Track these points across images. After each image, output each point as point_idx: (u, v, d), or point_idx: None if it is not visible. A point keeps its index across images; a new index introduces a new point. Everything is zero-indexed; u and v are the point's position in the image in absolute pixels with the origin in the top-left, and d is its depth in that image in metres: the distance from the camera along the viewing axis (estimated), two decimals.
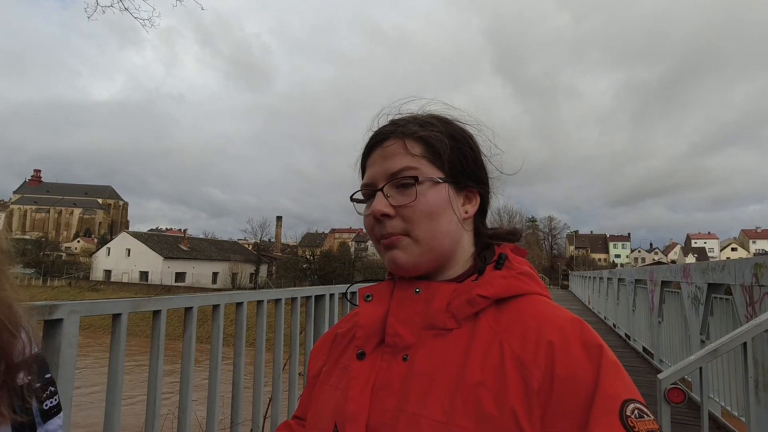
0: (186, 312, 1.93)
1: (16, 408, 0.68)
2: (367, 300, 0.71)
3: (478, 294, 0.64)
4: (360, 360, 0.67)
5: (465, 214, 0.71)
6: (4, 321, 0.69)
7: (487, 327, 0.62)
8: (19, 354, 0.71)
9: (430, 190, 0.66)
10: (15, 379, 0.67)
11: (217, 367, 2.06)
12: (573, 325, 0.60)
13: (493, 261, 0.69)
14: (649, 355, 7.00)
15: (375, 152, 0.71)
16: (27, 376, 0.70)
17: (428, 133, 0.69)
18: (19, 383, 0.68)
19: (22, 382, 0.69)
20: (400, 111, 0.75)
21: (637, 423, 0.52)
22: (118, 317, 1.65)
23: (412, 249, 0.66)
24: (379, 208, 0.66)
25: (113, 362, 1.66)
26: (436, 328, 0.64)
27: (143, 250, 48.30)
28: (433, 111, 0.75)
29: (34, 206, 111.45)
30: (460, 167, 0.70)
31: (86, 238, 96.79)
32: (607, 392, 0.53)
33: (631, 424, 0.52)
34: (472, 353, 0.60)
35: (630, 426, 0.52)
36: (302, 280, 44.38)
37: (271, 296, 2.49)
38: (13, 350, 0.68)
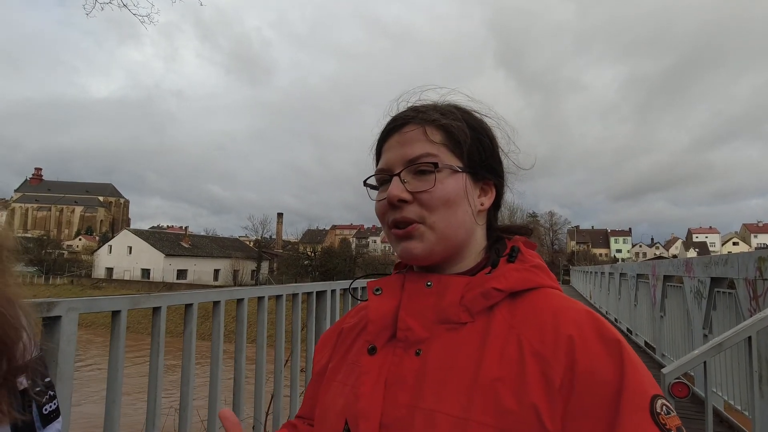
0: (186, 309, 1.92)
1: (16, 408, 0.66)
2: (377, 294, 0.69)
3: (493, 287, 0.63)
4: (371, 355, 0.65)
5: (480, 206, 0.70)
6: (9, 320, 0.68)
7: (502, 321, 0.61)
8: (21, 355, 0.69)
9: (448, 178, 0.65)
10: (16, 379, 0.66)
11: (218, 363, 2.04)
12: (590, 319, 0.59)
13: (506, 254, 0.68)
14: (651, 349, 7.00)
15: (393, 137, 0.70)
16: (28, 379, 0.69)
17: (449, 122, 0.68)
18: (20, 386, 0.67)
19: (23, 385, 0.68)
20: (420, 98, 0.74)
21: (668, 420, 0.52)
22: (117, 314, 1.63)
23: (427, 237, 0.65)
24: (396, 193, 0.65)
25: (113, 359, 1.64)
26: (449, 322, 0.63)
27: (145, 248, 48.40)
28: (453, 101, 0.74)
29: (36, 204, 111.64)
30: (479, 158, 0.69)
31: (88, 236, 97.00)
32: (635, 388, 0.52)
33: (662, 421, 0.51)
34: (488, 347, 0.59)
35: (662, 423, 0.51)
36: (303, 276, 44.44)
37: (272, 292, 2.48)
38: (16, 350, 0.67)
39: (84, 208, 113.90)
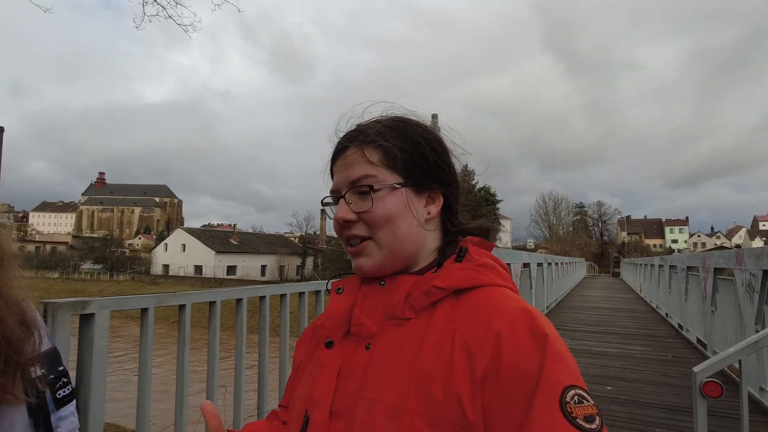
0: (210, 306, 2.04)
1: (30, 394, 0.76)
2: (339, 292, 0.75)
3: (434, 285, 0.67)
4: (328, 348, 0.71)
5: (427, 214, 0.73)
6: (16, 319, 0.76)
7: (443, 317, 0.65)
8: (32, 348, 0.78)
9: (388, 196, 0.69)
10: (28, 371, 0.76)
11: (241, 357, 2.16)
12: (523, 315, 0.61)
13: (454, 254, 0.72)
14: (702, 346, 6.63)
15: (339, 160, 0.74)
16: (40, 369, 0.79)
17: (386, 140, 0.71)
18: (32, 375, 0.76)
19: (35, 374, 0.77)
20: (362, 116, 0.78)
21: (575, 408, 0.54)
22: (145, 311, 1.77)
23: (375, 253, 0.70)
24: (341, 215, 0.70)
25: (143, 353, 1.79)
26: (396, 318, 0.68)
27: (197, 245, 50.72)
28: (397, 114, 0.77)
29: (100, 207, 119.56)
30: (420, 170, 0.72)
31: (146, 234, 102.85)
32: (549, 379, 0.55)
33: (569, 410, 0.54)
34: (426, 342, 0.63)
35: (568, 412, 0.53)
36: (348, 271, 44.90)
37: (294, 290, 2.57)
38: (26, 346, 0.76)
39: (142, 209, 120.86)
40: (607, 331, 8.32)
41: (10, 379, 0.72)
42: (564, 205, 66.98)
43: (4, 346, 0.72)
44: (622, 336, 7.82)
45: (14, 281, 0.80)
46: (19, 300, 0.80)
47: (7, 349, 0.73)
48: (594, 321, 9.62)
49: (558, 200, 66.47)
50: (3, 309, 0.74)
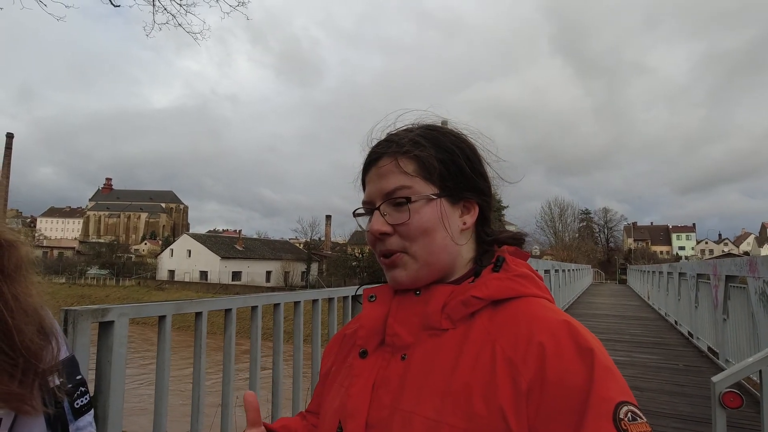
0: (226, 313, 2.05)
1: (48, 404, 0.75)
2: (371, 301, 0.74)
3: (472, 295, 0.66)
4: (362, 358, 0.70)
5: (463, 225, 0.72)
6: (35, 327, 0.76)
7: (481, 328, 0.64)
8: (51, 357, 0.78)
9: (424, 208, 0.68)
10: (46, 380, 0.75)
11: (256, 364, 2.16)
12: (564, 327, 0.60)
13: (491, 264, 0.71)
14: (714, 354, 6.55)
15: (372, 170, 0.73)
16: (58, 378, 0.78)
17: (420, 151, 0.70)
18: (50, 385, 0.76)
19: (53, 383, 0.77)
20: (395, 124, 0.77)
21: (630, 426, 0.53)
22: (163, 319, 1.77)
23: (411, 265, 0.69)
24: (377, 228, 0.69)
25: (160, 359, 1.79)
26: (432, 328, 0.66)
27: (202, 251, 50.87)
28: (429, 122, 0.76)
29: (107, 212, 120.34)
30: (455, 180, 0.71)
31: (152, 240, 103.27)
32: (601, 395, 0.53)
33: (624, 427, 0.52)
34: (464, 353, 0.62)
35: (623, 429, 0.52)
36: (352, 277, 45.03)
37: (308, 297, 2.57)
38: (45, 354, 0.76)
39: (148, 215, 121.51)
40: (616, 339, 8.25)
41: (29, 389, 0.72)
42: (570, 212, 66.72)
43: (23, 356, 0.72)
44: (632, 344, 7.74)
45: (32, 289, 0.79)
46: (37, 308, 0.80)
47: (26, 358, 0.72)
48: (602, 329, 9.54)
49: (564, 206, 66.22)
50: (21, 318, 0.74)
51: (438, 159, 0.70)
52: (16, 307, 0.72)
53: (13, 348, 0.70)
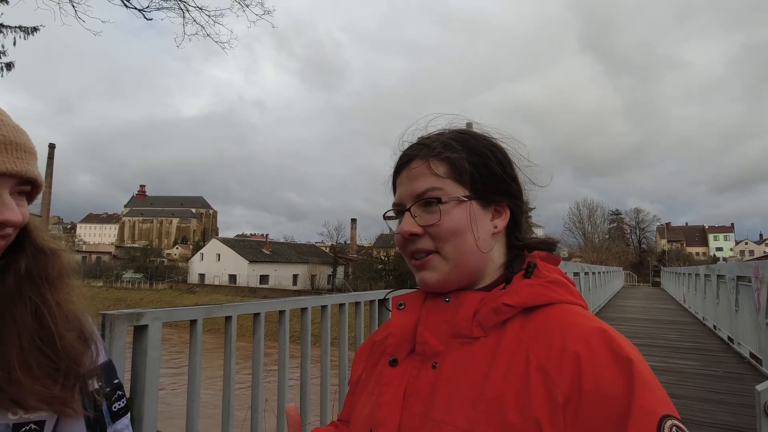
0: (254, 317, 2.08)
1: (87, 408, 0.78)
2: (400, 308, 0.74)
3: (503, 302, 0.65)
4: (392, 367, 0.70)
5: (494, 228, 0.71)
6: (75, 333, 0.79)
7: (513, 336, 0.63)
8: (90, 361, 0.81)
9: (454, 209, 0.68)
10: (86, 384, 0.78)
11: (284, 368, 2.19)
12: (600, 335, 0.58)
13: (522, 270, 0.70)
14: (757, 361, 6.25)
15: (403, 173, 0.74)
16: (97, 382, 0.81)
17: (452, 152, 0.70)
18: (90, 388, 0.79)
19: (93, 387, 0.80)
20: (426, 128, 0.77)
21: None
22: (194, 323, 1.82)
23: (441, 267, 0.68)
24: (407, 228, 0.69)
25: (192, 362, 1.83)
26: (463, 336, 0.66)
27: (231, 255, 51.91)
28: (460, 127, 0.76)
29: (141, 218, 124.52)
30: (486, 183, 0.71)
31: (183, 245, 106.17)
32: (643, 407, 0.51)
33: None
34: (496, 362, 0.61)
35: None
36: (377, 280, 45.08)
37: (335, 301, 2.59)
38: (84, 359, 0.79)
39: (180, 220, 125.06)
40: (649, 344, 7.98)
41: (70, 392, 0.74)
42: (599, 212, 64.97)
43: (65, 360, 0.74)
44: (667, 349, 7.47)
45: (74, 295, 0.82)
46: (78, 314, 0.82)
47: (68, 362, 0.75)
48: (635, 333, 9.24)
49: (593, 207, 64.53)
50: (63, 323, 0.76)
51: (469, 161, 0.70)
52: (58, 313, 0.75)
53: (56, 353, 0.73)
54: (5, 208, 0.68)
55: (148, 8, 10.35)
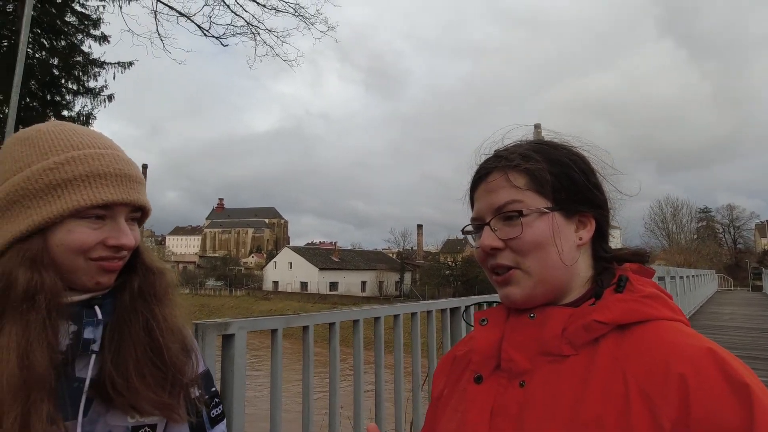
0: (330, 327, 2.15)
1: (191, 413, 0.85)
2: (483, 324, 0.73)
3: (594, 319, 0.62)
4: (477, 384, 0.69)
5: (579, 240, 0.69)
6: (179, 345, 0.87)
7: (607, 354, 0.60)
8: (192, 372, 0.88)
9: (536, 221, 0.66)
10: (189, 392, 0.86)
11: (359, 377, 2.23)
12: (709, 356, 0.54)
13: (612, 284, 0.66)
14: None
15: (480, 186, 0.73)
16: (198, 390, 0.88)
17: (532, 163, 0.69)
18: (192, 396, 0.86)
19: (194, 395, 0.87)
20: (503, 140, 0.76)
21: None
22: (275, 332, 1.91)
23: (525, 282, 0.67)
24: (488, 243, 0.68)
25: (274, 370, 1.92)
26: (551, 354, 0.64)
27: (302, 263, 53.94)
28: (539, 137, 0.75)
29: (220, 229, 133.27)
30: (569, 193, 0.69)
31: (258, 254, 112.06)
32: None
33: None
34: (591, 383, 0.58)
35: None
36: (445, 286, 44.67)
37: (407, 310, 2.60)
38: (187, 369, 0.86)
39: (254, 230, 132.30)
40: (754, 356, 7.15)
41: (176, 399, 0.82)
42: (685, 210, 59.55)
43: (171, 370, 0.82)
44: None
45: (177, 310, 0.90)
46: (180, 327, 0.90)
47: (173, 372, 0.82)
48: (735, 344, 8.34)
49: (677, 205, 59.26)
50: (169, 336, 0.84)
51: (550, 172, 0.68)
52: (165, 327, 0.83)
53: (164, 363, 0.81)
54: (122, 234, 0.77)
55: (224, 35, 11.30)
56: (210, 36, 11.37)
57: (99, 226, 0.76)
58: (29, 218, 0.72)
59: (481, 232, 0.71)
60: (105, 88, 16.81)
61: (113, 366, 0.75)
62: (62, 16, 16.07)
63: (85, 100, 16.68)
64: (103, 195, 0.75)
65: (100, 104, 16.81)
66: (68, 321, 0.74)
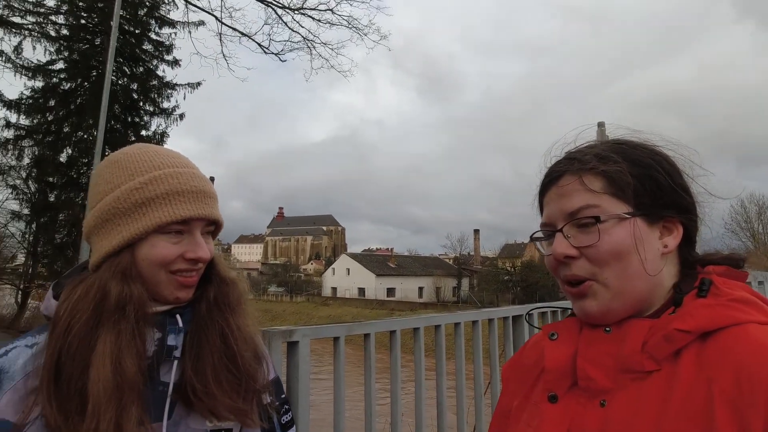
0: (391, 334, 2.15)
1: (263, 419, 0.88)
2: (552, 339, 0.68)
3: (675, 328, 0.57)
4: (552, 403, 0.65)
5: (664, 248, 0.63)
6: (252, 353, 0.91)
7: (689, 366, 0.55)
8: (263, 378, 0.92)
9: (615, 228, 0.61)
10: (261, 398, 0.89)
11: (421, 386, 2.22)
12: None
13: (693, 288, 0.61)
14: None
15: (551, 190, 0.69)
16: (269, 396, 0.92)
17: (608, 166, 0.64)
18: (264, 402, 0.90)
19: (266, 401, 0.90)
20: (575, 141, 0.72)
21: None
22: (337, 340, 1.95)
23: (602, 295, 0.62)
24: (561, 250, 0.64)
25: (336, 377, 1.96)
26: (633, 371, 0.59)
27: (359, 269, 54.64)
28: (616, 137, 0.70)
29: (281, 237, 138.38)
30: (652, 197, 0.63)
31: (316, 260, 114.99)
32: None
33: None
34: (673, 397, 0.54)
35: None
36: (504, 292, 43.44)
37: (467, 318, 2.56)
38: (259, 375, 0.90)
39: (312, 237, 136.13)
40: None
41: (250, 405, 0.85)
42: None
43: (245, 376, 0.85)
44: None
45: (249, 319, 0.94)
46: (252, 335, 0.94)
47: (247, 378, 0.86)
48: None
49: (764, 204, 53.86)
50: (243, 344, 0.88)
51: (631, 174, 0.63)
52: (239, 335, 0.87)
53: (238, 370, 0.85)
54: (198, 247, 0.82)
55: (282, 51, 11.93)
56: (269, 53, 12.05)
57: (178, 241, 0.81)
58: (119, 235, 0.79)
59: (552, 239, 0.67)
60: (177, 108, 18.26)
61: (193, 372, 0.80)
62: (140, 44, 17.67)
63: (160, 119, 18.23)
64: (181, 211, 0.80)
65: (173, 123, 18.26)
66: (153, 329, 0.80)
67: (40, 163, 16.87)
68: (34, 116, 16.97)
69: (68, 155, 17.45)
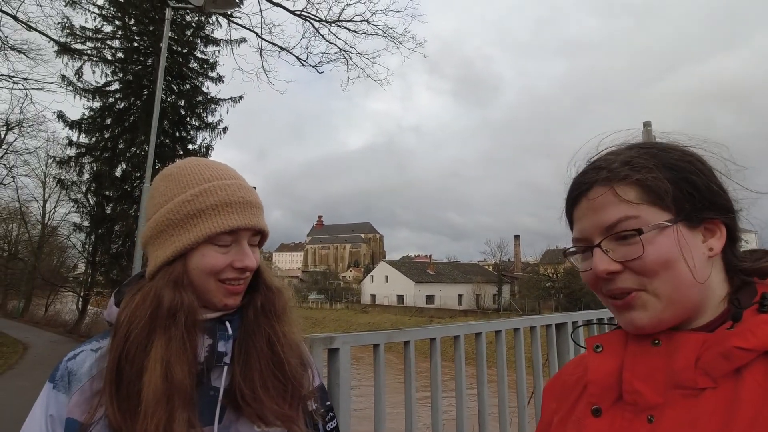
0: (431, 342, 2.15)
1: (308, 425, 0.90)
2: (597, 351, 0.66)
3: (735, 345, 0.54)
4: (596, 417, 0.64)
5: (709, 251, 0.61)
6: (297, 360, 0.93)
7: (755, 386, 0.52)
8: (308, 385, 0.93)
9: (658, 237, 0.59)
10: (306, 404, 0.91)
11: (462, 394, 2.19)
12: None
13: (755, 303, 0.58)
14: None
15: (581, 203, 0.66)
16: (314, 403, 0.94)
17: (642, 173, 0.61)
18: (309, 408, 0.91)
19: (311, 407, 0.92)
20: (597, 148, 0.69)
21: None
22: (377, 347, 1.96)
23: (652, 305, 0.60)
24: (603, 267, 0.61)
25: (377, 384, 1.97)
26: (684, 387, 0.57)
27: (398, 276, 54.55)
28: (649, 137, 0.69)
29: (320, 245, 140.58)
30: (690, 200, 0.61)
31: (355, 268, 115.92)
32: None
33: None
34: (737, 418, 0.52)
35: None
36: (546, 299, 42.15)
37: (509, 326, 2.51)
38: (305, 382, 0.92)
39: (351, 245, 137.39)
40: None
41: (296, 411, 0.87)
42: None
43: (291, 383, 0.88)
44: None
45: (294, 327, 0.96)
46: (298, 342, 0.97)
47: (293, 385, 0.88)
48: None
49: None
50: (289, 351, 0.90)
51: (664, 179, 0.61)
52: (285, 342, 0.90)
53: (285, 376, 0.87)
54: (245, 256, 0.86)
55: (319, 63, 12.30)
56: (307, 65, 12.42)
57: (227, 251, 0.85)
58: (173, 245, 0.84)
59: (587, 254, 0.65)
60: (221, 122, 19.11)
61: (242, 377, 0.83)
62: (187, 63, 18.64)
63: (205, 133, 19.12)
64: (230, 222, 0.84)
65: (217, 136, 19.09)
66: (204, 335, 0.84)
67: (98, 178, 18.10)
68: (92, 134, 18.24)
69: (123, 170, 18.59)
